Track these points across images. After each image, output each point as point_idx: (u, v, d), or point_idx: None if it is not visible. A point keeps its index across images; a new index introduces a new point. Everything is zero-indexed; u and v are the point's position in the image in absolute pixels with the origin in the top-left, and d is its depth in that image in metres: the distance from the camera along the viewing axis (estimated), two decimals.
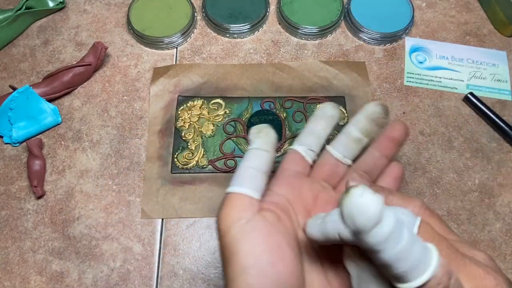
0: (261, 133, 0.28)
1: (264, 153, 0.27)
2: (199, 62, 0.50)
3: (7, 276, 0.39)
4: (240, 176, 0.27)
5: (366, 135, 0.30)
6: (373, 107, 0.30)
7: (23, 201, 0.43)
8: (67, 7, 0.54)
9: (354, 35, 0.52)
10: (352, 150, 0.30)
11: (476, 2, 0.55)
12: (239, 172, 0.27)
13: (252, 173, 0.27)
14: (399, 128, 0.30)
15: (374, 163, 0.30)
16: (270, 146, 0.28)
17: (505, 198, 0.43)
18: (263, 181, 0.27)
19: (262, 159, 0.27)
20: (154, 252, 0.40)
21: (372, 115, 0.30)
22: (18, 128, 0.45)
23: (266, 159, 0.27)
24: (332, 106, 0.31)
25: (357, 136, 0.30)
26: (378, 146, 0.30)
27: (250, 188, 0.26)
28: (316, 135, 0.31)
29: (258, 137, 0.28)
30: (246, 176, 0.27)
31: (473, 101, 0.47)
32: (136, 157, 0.45)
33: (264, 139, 0.28)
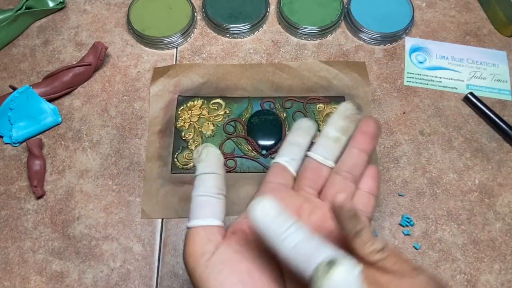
0: (201, 156, 0.27)
1: (209, 177, 0.27)
2: (199, 62, 0.50)
3: (7, 276, 0.39)
4: (193, 208, 0.26)
5: (343, 133, 0.30)
6: (345, 105, 0.30)
7: (23, 201, 0.43)
8: (67, 7, 0.54)
9: (354, 35, 0.52)
10: (332, 150, 0.30)
11: (476, 2, 0.55)
12: (191, 205, 0.27)
13: (204, 201, 0.26)
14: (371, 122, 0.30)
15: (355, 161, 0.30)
16: (214, 166, 0.27)
17: (505, 198, 0.43)
18: (219, 204, 0.27)
19: (210, 183, 0.27)
20: (154, 252, 0.40)
21: (346, 112, 0.30)
22: (18, 128, 0.45)
23: (214, 181, 0.27)
24: (306, 119, 0.32)
25: (334, 135, 0.30)
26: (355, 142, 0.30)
27: (206, 217, 0.26)
28: (297, 145, 0.31)
29: (199, 161, 0.27)
30: (199, 206, 0.26)
31: (473, 101, 0.47)
32: (136, 157, 0.45)
33: (205, 161, 0.27)
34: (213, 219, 0.26)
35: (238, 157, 0.44)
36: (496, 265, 0.40)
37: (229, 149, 0.45)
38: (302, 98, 0.48)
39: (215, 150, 0.28)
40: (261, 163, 0.44)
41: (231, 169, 0.44)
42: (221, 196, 0.27)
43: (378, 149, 0.46)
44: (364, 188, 0.30)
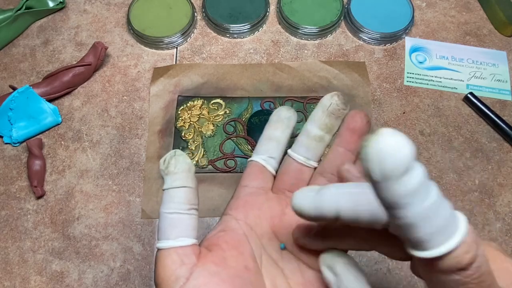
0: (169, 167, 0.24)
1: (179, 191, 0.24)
2: (199, 62, 0.50)
3: (7, 276, 0.39)
4: (162, 227, 0.23)
5: (327, 131, 0.27)
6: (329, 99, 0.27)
7: (23, 201, 0.43)
8: (67, 7, 0.54)
9: (354, 35, 0.52)
10: (314, 150, 0.27)
11: (476, 2, 0.55)
12: (160, 222, 0.24)
13: (174, 219, 0.23)
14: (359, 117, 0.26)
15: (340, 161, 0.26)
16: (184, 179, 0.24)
17: (505, 198, 0.43)
18: (191, 221, 0.24)
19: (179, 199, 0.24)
20: (154, 252, 0.40)
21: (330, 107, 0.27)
22: (18, 128, 0.45)
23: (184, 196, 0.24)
24: (286, 108, 0.29)
25: (318, 134, 0.27)
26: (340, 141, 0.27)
27: (178, 236, 0.23)
28: (275, 140, 0.28)
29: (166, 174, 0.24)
30: (169, 225, 0.23)
31: (473, 101, 0.47)
32: (136, 157, 0.45)
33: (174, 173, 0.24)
34: (185, 238, 0.23)
35: (238, 157, 0.44)
36: None
37: (229, 149, 0.45)
38: (302, 98, 0.48)
39: (185, 158, 0.24)
40: None
41: (231, 169, 0.44)
42: (193, 211, 0.24)
43: None
44: None
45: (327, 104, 0.27)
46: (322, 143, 0.27)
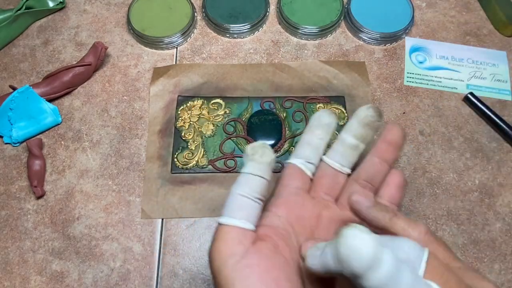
0: (255, 155, 0.25)
1: (257, 179, 0.25)
2: (199, 62, 0.50)
3: (7, 276, 0.39)
4: (231, 206, 0.25)
5: (362, 141, 0.29)
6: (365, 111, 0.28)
7: (23, 201, 0.43)
8: (67, 7, 0.54)
9: (354, 35, 0.52)
10: (349, 158, 0.29)
11: (476, 2, 0.55)
12: (229, 200, 0.25)
13: (244, 202, 0.25)
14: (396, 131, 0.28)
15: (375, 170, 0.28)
16: (265, 170, 0.25)
17: (505, 198, 0.43)
18: (256, 209, 0.25)
19: (255, 186, 0.25)
20: (154, 252, 0.40)
21: (365, 119, 0.28)
22: (18, 128, 0.45)
23: (259, 185, 0.25)
24: (327, 113, 0.30)
25: (353, 143, 0.28)
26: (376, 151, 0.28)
27: (242, 218, 0.25)
28: (314, 146, 0.29)
29: (251, 160, 0.26)
30: (238, 206, 0.25)
31: (473, 101, 0.47)
32: (136, 157, 0.45)
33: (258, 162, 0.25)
34: (248, 222, 0.25)
35: (238, 157, 0.44)
36: (496, 265, 0.40)
37: (229, 149, 0.45)
38: (302, 98, 0.48)
39: (271, 153, 0.26)
40: None
41: (231, 169, 0.44)
42: (261, 202, 0.26)
43: None
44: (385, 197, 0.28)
45: (363, 116, 0.28)
46: (356, 152, 0.29)
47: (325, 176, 0.29)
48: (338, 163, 0.29)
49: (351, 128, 0.29)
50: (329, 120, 0.30)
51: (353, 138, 0.28)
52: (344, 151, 0.29)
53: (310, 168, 0.29)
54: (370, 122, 0.28)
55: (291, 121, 0.46)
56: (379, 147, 0.28)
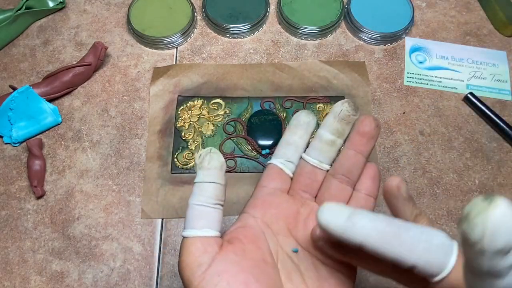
0: (203, 163, 0.26)
1: (210, 186, 0.26)
2: (199, 62, 0.50)
3: (7, 276, 0.39)
4: (190, 217, 0.25)
5: (339, 136, 0.28)
6: (341, 106, 0.28)
7: (23, 201, 0.43)
8: (67, 7, 0.54)
9: (354, 35, 0.52)
10: (327, 153, 0.29)
11: (476, 2, 0.55)
12: (188, 212, 0.26)
13: (202, 211, 0.25)
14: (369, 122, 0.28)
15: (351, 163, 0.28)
16: (216, 175, 0.26)
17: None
18: (216, 215, 0.26)
19: (209, 193, 0.25)
20: (154, 252, 0.40)
21: (341, 114, 0.28)
22: (18, 128, 0.45)
23: (214, 191, 0.26)
24: (306, 113, 0.30)
25: (330, 138, 0.28)
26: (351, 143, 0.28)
27: (204, 227, 0.25)
28: (293, 145, 0.29)
29: (200, 168, 0.26)
30: (196, 216, 0.25)
31: (473, 101, 0.47)
32: (136, 157, 0.45)
33: (207, 169, 0.26)
34: (210, 229, 0.25)
35: (238, 157, 0.44)
36: None
37: (229, 149, 0.45)
38: (302, 98, 0.48)
39: (219, 157, 0.26)
40: (261, 163, 0.44)
41: (231, 169, 0.44)
42: (219, 206, 0.26)
43: (378, 149, 0.46)
44: (362, 190, 0.28)
45: (338, 111, 0.28)
46: (334, 147, 0.29)
47: (303, 173, 0.29)
48: (316, 159, 0.29)
49: (327, 124, 0.29)
50: (308, 119, 0.30)
51: (329, 133, 0.28)
52: (321, 147, 0.29)
53: (290, 168, 0.30)
54: (345, 116, 0.28)
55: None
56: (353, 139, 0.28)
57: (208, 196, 0.26)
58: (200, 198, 0.26)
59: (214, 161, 0.26)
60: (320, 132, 0.29)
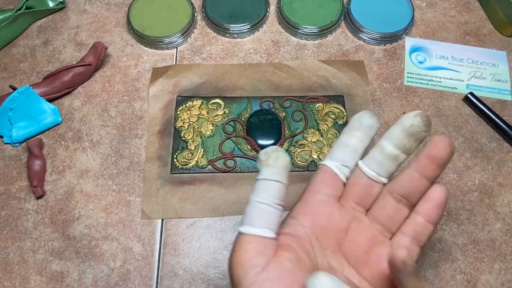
0: (269, 160, 0.25)
1: (274, 184, 0.25)
2: (199, 62, 0.50)
3: (7, 276, 0.39)
4: (250, 214, 0.24)
5: (404, 151, 0.26)
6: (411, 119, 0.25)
7: (23, 201, 0.43)
8: (67, 7, 0.54)
9: (354, 35, 0.52)
10: (387, 168, 0.26)
11: (476, 2, 0.55)
12: (249, 208, 0.25)
13: (263, 209, 0.24)
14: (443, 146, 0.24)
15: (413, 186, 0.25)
16: (281, 174, 0.25)
17: (505, 198, 0.43)
18: (277, 216, 0.25)
19: (273, 191, 0.25)
20: (154, 252, 0.40)
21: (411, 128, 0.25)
22: (18, 128, 0.45)
23: (277, 190, 0.25)
24: (370, 115, 0.27)
25: (393, 153, 0.26)
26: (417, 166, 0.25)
27: (263, 227, 0.24)
28: (352, 149, 0.27)
29: (266, 165, 0.25)
30: (257, 213, 0.24)
31: (473, 101, 0.47)
32: (136, 157, 0.45)
33: (273, 167, 0.25)
34: (269, 230, 0.24)
35: (237, 157, 0.44)
36: (496, 265, 0.40)
37: (228, 149, 0.45)
38: (301, 97, 0.48)
39: (285, 156, 0.25)
40: None
41: (230, 169, 0.44)
42: (281, 208, 0.25)
43: None
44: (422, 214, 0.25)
45: (408, 124, 0.25)
46: (396, 162, 0.26)
47: (359, 184, 0.27)
48: (374, 172, 0.26)
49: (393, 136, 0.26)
50: (372, 122, 0.27)
51: (394, 147, 0.26)
52: (382, 160, 0.26)
53: (345, 173, 0.27)
54: (416, 132, 0.25)
55: (291, 121, 0.46)
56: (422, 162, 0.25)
57: (271, 194, 0.25)
58: (263, 195, 0.24)
59: (281, 160, 0.25)
60: (383, 144, 0.26)
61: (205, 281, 0.39)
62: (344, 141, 0.27)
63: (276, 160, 0.25)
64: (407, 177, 0.25)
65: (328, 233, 0.26)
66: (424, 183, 0.25)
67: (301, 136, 0.46)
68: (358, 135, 0.27)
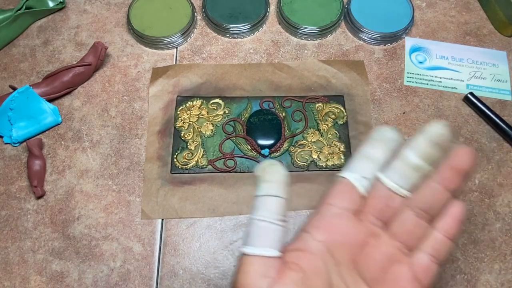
0: (266, 175, 0.24)
1: (273, 200, 0.24)
2: (199, 62, 0.50)
3: (7, 276, 0.39)
4: (251, 233, 0.24)
5: (428, 162, 0.24)
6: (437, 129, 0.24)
7: (23, 201, 0.43)
8: (67, 7, 0.54)
9: (354, 35, 0.52)
10: (410, 179, 0.24)
11: (476, 2, 0.55)
12: (250, 228, 0.24)
13: (264, 227, 0.23)
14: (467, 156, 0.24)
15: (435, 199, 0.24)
16: (280, 188, 0.24)
17: (505, 198, 0.43)
18: (279, 232, 0.24)
19: (273, 207, 0.24)
20: (154, 252, 0.40)
21: (436, 138, 0.24)
22: (18, 128, 0.45)
23: (277, 206, 0.24)
24: (392, 130, 0.26)
25: (417, 163, 0.24)
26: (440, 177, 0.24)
27: (265, 246, 0.23)
28: (373, 160, 0.25)
29: (263, 181, 0.24)
30: (258, 232, 0.23)
31: (473, 101, 0.47)
32: (136, 157, 0.45)
33: (271, 182, 0.24)
34: (271, 249, 0.23)
35: (237, 157, 0.44)
36: (496, 265, 0.40)
37: (228, 149, 0.45)
38: (301, 97, 0.48)
39: (282, 169, 0.25)
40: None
41: (230, 169, 0.44)
42: (283, 223, 0.24)
43: None
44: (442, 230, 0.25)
45: (434, 133, 0.24)
46: (419, 173, 0.24)
47: (379, 197, 0.25)
48: (396, 184, 0.25)
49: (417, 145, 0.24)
50: (394, 136, 0.26)
51: (417, 157, 0.24)
52: (405, 171, 0.24)
53: (365, 185, 0.25)
54: (442, 141, 0.24)
55: (291, 121, 0.46)
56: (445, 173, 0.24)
57: (272, 211, 0.24)
58: (263, 213, 0.24)
59: (278, 173, 0.24)
60: (406, 153, 0.24)
61: (205, 281, 0.39)
62: (365, 153, 0.26)
63: (273, 175, 0.24)
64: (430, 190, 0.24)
65: (343, 248, 0.25)
66: (446, 196, 0.24)
67: (301, 136, 0.46)
68: (380, 146, 0.26)
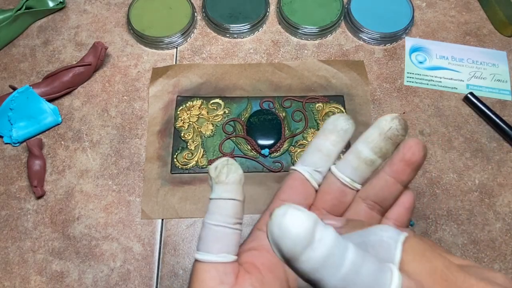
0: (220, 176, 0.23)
1: (228, 203, 0.23)
2: (199, 62, 0.50)
3: (7, 276, 0.39)
4: (205, 239, 0.22)
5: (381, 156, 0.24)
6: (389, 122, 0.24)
7: (23, 201, 0.43)
8: (67, 7, 0.54)
9: (354, 35, 0.52)
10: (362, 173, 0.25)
11: (476, 2, 0.55)
12: (203, 233, 0.23)
13: (219, 232, 0.22)
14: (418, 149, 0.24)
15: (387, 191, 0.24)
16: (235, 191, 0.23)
17: (505, 198, 0.43)
18: (235, 237, 0.23)
19: (228, 211, 0.23)
20: (154, 252, 0.40)
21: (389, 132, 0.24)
22: (18, 128, 0.45)
23: (233, 209, 0.23)
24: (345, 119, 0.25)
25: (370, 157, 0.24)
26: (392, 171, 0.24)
27: (221, 252, 0.22)
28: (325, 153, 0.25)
29: (217, 182, 0.23)
30: (213, 238, 0.22)
31: (473, 101, 0.47)
32: (136, 157, 0.45)
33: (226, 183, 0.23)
34: (227, 254, 0.22)
35: (237, 157, 0.44)
36: (496, 265, 0.40)
37: (228, 149, 0.45)
38: (301, 97, 0.48)
39: (237, 169, 0.23)
40: (260, 163, 0.44)
41: None
42: (238, 226, 0.23)
43: None
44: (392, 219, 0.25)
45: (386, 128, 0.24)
46: (372, 167, 0.25)
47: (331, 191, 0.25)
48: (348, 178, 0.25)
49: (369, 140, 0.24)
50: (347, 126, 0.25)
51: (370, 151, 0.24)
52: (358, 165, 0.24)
53: (317, 179, 0.25)
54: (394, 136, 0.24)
55: (291, 121, 0.46)
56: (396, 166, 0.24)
57: (226, 214, 0.23)
58: (217, 218, 0.23)
59: (233, 174, 0.23)
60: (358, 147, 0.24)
61: None
62: (317, 145, 0.25)
63: (228, 176, 0.23)
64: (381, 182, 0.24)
65: None
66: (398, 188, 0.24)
67: (301, 136, 0.46)
68: (333, 139, 0.25)
